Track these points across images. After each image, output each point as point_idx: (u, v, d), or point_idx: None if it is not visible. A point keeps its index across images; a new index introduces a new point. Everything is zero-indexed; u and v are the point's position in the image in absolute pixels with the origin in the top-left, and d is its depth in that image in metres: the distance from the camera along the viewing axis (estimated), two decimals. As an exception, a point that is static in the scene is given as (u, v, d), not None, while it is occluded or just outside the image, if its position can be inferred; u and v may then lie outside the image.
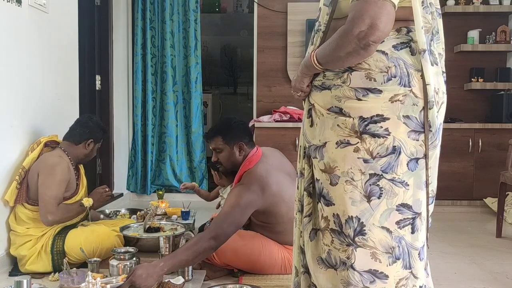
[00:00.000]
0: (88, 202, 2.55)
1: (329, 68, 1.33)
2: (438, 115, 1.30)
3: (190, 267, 2.26)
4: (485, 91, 4.60)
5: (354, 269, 1.30)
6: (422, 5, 1.28)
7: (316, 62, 1.33)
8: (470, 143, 4.26)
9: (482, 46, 4.48)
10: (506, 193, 3.57)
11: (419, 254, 1.31)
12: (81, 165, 2.84)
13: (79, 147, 2.69)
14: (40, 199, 2.48)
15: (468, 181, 4.30)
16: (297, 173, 1.52)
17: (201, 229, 2.91)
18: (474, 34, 4.50)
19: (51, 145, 2.71)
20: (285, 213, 2.32)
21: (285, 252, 2.43)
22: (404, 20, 1.29)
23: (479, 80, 4.49)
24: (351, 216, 1.30)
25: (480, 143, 4.25)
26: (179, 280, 2.12)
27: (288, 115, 4.41)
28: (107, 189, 2.75)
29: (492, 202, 4.09)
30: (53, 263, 2.46)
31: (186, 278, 2.22)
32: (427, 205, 1.33)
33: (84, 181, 2.79)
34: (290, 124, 4.31)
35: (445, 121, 4.33)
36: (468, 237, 3.45)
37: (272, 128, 4.26)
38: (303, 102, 1.48)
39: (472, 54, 4.60)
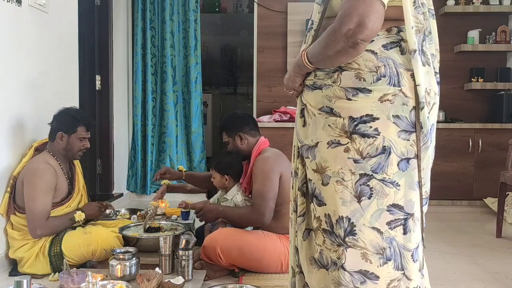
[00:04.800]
0: (80, 217, 2.50)
1: (320, 67, 1.33)
2: (429, 116, 1.29)
3: (190, 267, 2.26)
4: (485, 91, 4.60)
5: (344, 269, 1.29)
6: (414, 5, 1.27)
7: (307, 60, 1.33)
8: (470, 143, 4.26)
9: (482, 46, 4.48)
10: (506, 193, 3.57)
11: (412, 255, 1.30)
12: (79, 165, 2.81)
13: (55, 143, 2.58)
14: (27, 212, 2.42)
15: (468, 181, 4.30)
16: (291, 173, 1.52)
17: (201, 229, 2.91)
18: (474, 34, 4.50)
19: (40, 148, 2.65)
20: None
21: (287, 244, 2.46)
22: (395, 20, 1.29)
23: (479, 80, 4.49)
24: (342, 216, 1.29)
25: (480, 143, 4.25)
26: (179, 280, 2.12)
27: (288, 115, 4.41)
28: (103, 207, 2.69)
29: (492, 202, 4.08)
30: (51, 266, 2.45)
31: (186, 278, 2.22)
32: (421, 206, 1.33)
33: (80, 182, 2.74)
34: (290, 124, 4.30)
35: (445, 121, 4.37)
36: (468, 237, 3.45)
37: (272, 128, 4.26)
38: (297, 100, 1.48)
39: (472, 54, 4.60)
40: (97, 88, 4.30)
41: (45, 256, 2.45)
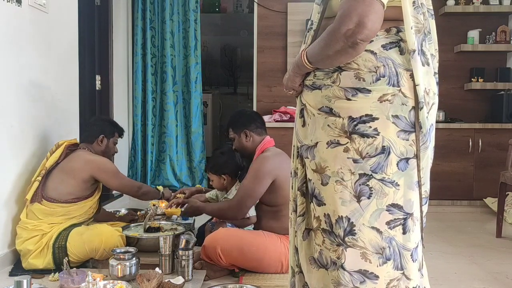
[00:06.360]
0: (161, 188, 2.94)
1: (319, 67, 1.33)
2: (428, 116, 1.29)
3: (190, 267, 2.27)
4: (485, 91, 4.60)
5: (344, 269, 1.29)
6: (413, 5, 1.27)
7: (306, 60, 1.33)
8: (470, 143, 4.26)
9: (482, 46, 4.48)
10: (506, 193, 3.57)
11: (411, 255, 1.31)
12: None
13: (94, 145, 2.79)
14: (124, 189, 2.82)
15: (468, 181, 4.30)
16: (291, 173, 1.52)
17: (201, 229, 2.91)
18: (474, 34, 4.50)
19: (72, 148, 2.76)
20: None
21: (288, 244, 2.45)
22: (394, 20, 1.29)
23: (479, 80, 4.50)
24: (341, 216, 1.29)
25: (480, 143, 4.25)
26: (179, 280, 2.12)
27: (288, 115, 4.41)
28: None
29: (492, 202, 4.09)
30: (53, 258, 2.47)
31: (186, 278, 2.23)
32: (421, 205, 1.33)
33: (101, 185, 2.82)
34: (290, 124, 4.30)
35: (445, 121, 4.37)
36: (468, 237, 3.45)
37: (272, 128, 4.24)
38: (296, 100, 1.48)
39: (472, 54, 4.60)
40: (97, 88, 4.29)
41: (49, 248, 2.48)
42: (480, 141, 4.25)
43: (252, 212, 2.66)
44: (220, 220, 2.73)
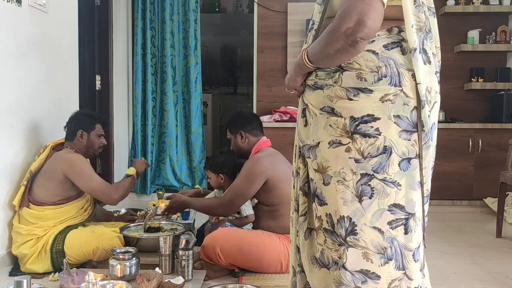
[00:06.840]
0: (131, 171, 2.79)
1: (320, 66, 1.33)
2: (430, 115, 1.29)
3: (190, 267, 2.27)
4: (485, 91, 4.60)
5: (345, 269, 1.29)
6: (414, 4, 1.27)
7: (307, 60, 1.33)
8: (470, 143, 4.26)
9: (482, 46, 4.48)
10: (506, 193, 3.57)
11: (413, 255, 1.30)
12: None
13: (76, 142, 2.72)
14: (94, 192, 2.63)
15: (468, 181, 4.30)
16: (293, 173, 1.52)
17: (201, 229, 2.91)
18: (474, 34, 4.50)
19: (58, 148, 2.73)
20: (289, 192, 2.37)
21: (287, 244, 2.46)
22: (396, 20, 1.29)
23: (479, 80, 4.49)
24: (343, 216, 1.29)
25: (480, 143, 4.25)
26: (179, 280, 2.12)
27: (288, 115, 4.41)
28: (147, 165, 3.03)
29: (492, 202, 4.09)
30: (52, 262, 2.47)
31: (186, 278, 2.23)
32: (423, 205, 1.33)
33: None
34: (290, 124, 4.30)
35: (445, 121, 4.37)
36: (468, 237, 3.45)
37: (272, 128, 4.26)
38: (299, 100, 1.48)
39: (472, 54, 4.60)
40: (97, 88, 4.29)
41: (47, 252, 2.46)
42: (480, 141, 4.25)
43: (249, 211, 2.67)
44: (219, 219, 2.74)
